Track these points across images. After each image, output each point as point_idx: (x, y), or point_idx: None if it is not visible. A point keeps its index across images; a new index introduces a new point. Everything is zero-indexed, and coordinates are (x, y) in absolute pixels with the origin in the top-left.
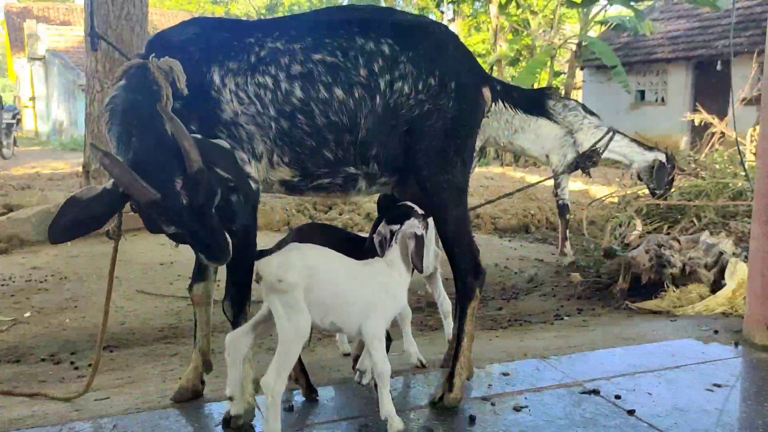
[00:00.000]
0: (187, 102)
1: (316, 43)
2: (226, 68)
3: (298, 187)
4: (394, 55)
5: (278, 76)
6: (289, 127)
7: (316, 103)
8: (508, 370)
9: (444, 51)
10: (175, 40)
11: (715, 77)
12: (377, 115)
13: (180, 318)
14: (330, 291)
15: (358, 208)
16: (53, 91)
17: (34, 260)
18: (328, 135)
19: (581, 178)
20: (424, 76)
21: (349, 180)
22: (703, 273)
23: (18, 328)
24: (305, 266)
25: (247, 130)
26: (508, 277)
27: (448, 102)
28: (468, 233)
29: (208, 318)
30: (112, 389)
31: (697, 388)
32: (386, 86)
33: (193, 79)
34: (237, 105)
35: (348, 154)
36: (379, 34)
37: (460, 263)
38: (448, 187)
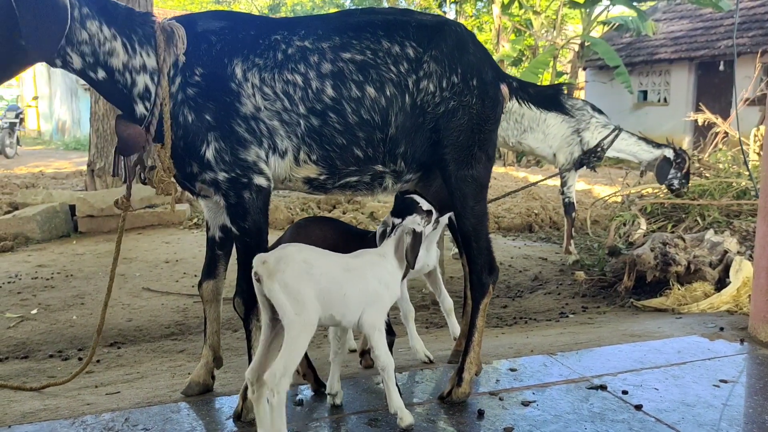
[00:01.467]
0: (202, 90)
1: (344, 42)
2: (250, 62)
3: (323, 185)
4: (419, 55)
5: (308, 74)
6: (319, 124)
7: (347, 101)
8: (516, 366)
9: (464, 49)
10: (199, 27)
11: (717, 77)
12: (406, 113)
13: (186, 315)
14: (327, 285)
15: (362, 207)
16: (56, 91)
17: (40, 258)
18: (359, 133)
19: (584, 178)
20: (448, 74)
21: (376, 178)
22: (708, 271)
23: (25, 324)
24: (303, 260)
25: (269, 125)
26: (512, 275)
27: (471, 99)
28: (486, 229)
29: (217, 315)
30: (121, 384)
31: (704, 383)
32: (414, 85)
33: (212, 69)
34: (260, 100)
35: (377, 152)
36: (403, 35)
37: (476, 258)
38: (471, 182)
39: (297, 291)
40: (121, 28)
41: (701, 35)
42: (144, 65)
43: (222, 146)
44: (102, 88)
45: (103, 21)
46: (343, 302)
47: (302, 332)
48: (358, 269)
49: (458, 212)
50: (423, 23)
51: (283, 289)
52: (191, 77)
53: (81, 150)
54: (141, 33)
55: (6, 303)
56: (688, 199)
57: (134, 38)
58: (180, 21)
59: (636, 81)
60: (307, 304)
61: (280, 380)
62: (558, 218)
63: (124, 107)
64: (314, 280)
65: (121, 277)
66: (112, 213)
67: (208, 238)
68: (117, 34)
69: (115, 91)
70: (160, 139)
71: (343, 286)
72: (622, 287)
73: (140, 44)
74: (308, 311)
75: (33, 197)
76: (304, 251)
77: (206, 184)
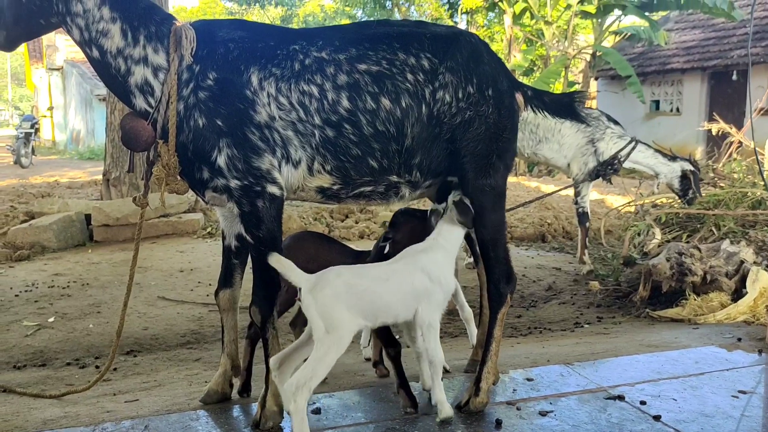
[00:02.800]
0: (214, 95)
1: (360, 54)
2: (267, 72)
3: (336, 194)
4: (434, 66)
5: (324, 86)
6: (334, 135)
7: (363, 113)
8: (532, 376)
9: (479, 59)
10: (218, 33)
11: (730, 87)
12: (422, 124)
13: (201, 324)
14: (369, 299)
15: (375, 216)
16: (70, 101)
17: (56, 267)
18: (375, 144)
19: (597, 188)
20: (463, 84)
21: (391, 188)
22: (724, 281)
23: (43, 333)
24: (342, 283)
25: (284, 135)
26: (526, 285)
27: (488, 108)
28: (504, 238)
29: (234, 323)
30: (139, 392)
31: (722, 394)
32: (430, 96)
33: (227, 75)
34: (275, 109)
35: (392, 163)
36: (418, 47)
37: (495, 268)
38: (489, 191)
39: (331, 313)
40: (128, 16)
41: (714, 45)
42: (145, 58)
43: (235, 153)
44: (97, 68)
45: (106, 1)
46: (388, 310)
47: (330, 350)
48: (399, 272)
49: (477, 221)
50: (438, 34)
51: (318, 309)
52: (204, 81)
53: (95, 159)
54: (154, 30)
55: (23, 311)
56: (702, 209)
57: (142, 30)
58: (199, 25)
59: (648, 91)
60: (341, 326)
61: (297, 390)
62: (571, 228)
63: (121, 95)
64: (357, 298)
65: (136, 286)
66: (127, 222)
67: (224, 248)
68: (119, 18)
69: (107, 75)
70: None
71: (383, 297)
72: (637, 297)
73: (147, 38)
74: (341, 332)
75: (49, 207)
76: (344, 274)
77: (218, 191)
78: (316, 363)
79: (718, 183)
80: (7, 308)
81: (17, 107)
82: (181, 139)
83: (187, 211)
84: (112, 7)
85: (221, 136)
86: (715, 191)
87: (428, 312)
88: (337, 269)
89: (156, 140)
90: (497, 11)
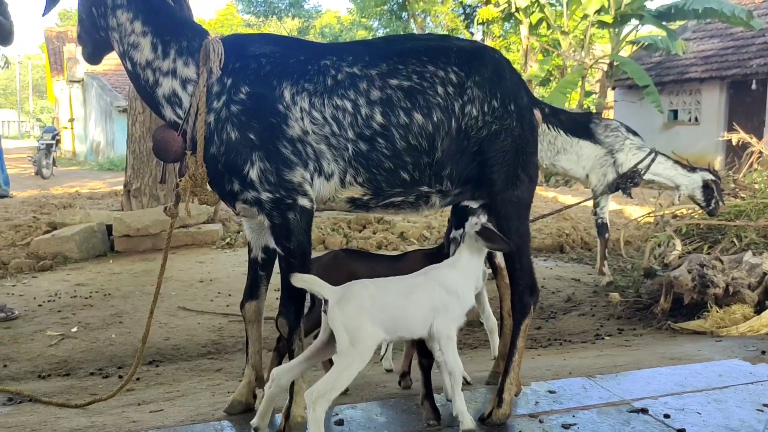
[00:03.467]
0: (247, 108)
1: (391, 69)
2: (300, 87)
3: (366, 204)
4: (461, 81)
5: (358, 101)
6: (367, 149)
7: (396, 127)
8: (555, 388)
9: (502, 75)
10: (250, 47)
11: (749, 97)
12: (452, 138)
13: (222, 334)
14: (391, 313)
15: (392, 227)
16: (91, 113)
17: (79, 277)
18: (407, 158)
19: (615, 198)
20: (489, 99)
21: (421, 197)
22: (747, 293)
23: (66, 342)
24: (367, 296)
25: (316, 149)
26: (545, 296)
27: (512, 122)
28: (529, 250)
29: (259, 334)
30: (163, 402)
31: (747, 408)
32: (459, 110)
33: (259, 89)
34: (308, 124)
35: (423, 175)
36: (446, 60)
37: (519, 279)
38: (515, 203)
39: (356, 326)
40: (160, 31)
41: (732, 54)
42: (174, 70)
43: (267, 167)
44: (131, 79)
45: (139, 16)
46: (406, 325)
47: (353, 363)
48: (421, 287)
49: (502, 232)
50: (464, 49)
51: (344, 322)
52: (236, 95)
53: (114, 170)
54: (186, 44)
55: (47, 321)
56: (724, 220)
57: (173, 44)
58: (231, 40)
59: (666, 100)
60: (365, 339)
61: (317, 399)
62: (589, 239)
63: (151, 105)
64: (380, 311)
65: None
66: (148, 233)
67: (251, 260)
68: (150, 32)
69: (138, 86)
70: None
71: (404, 310)
72: (658, 309)
73: (179, 52)
74: (365, 346)
75: (71, 217)
76: (370, 287)
77: (249, 203)
78: (339, 375)
79: (739, 193)
80: (31, 318)
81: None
82: (212, 151)
83: (207, 221)
84: (144, 22)
85: (253, 149)
86: (737, 202)
87: (445, 325)
88: (364, 282)
89: (185, 151)
90: (513, 21)
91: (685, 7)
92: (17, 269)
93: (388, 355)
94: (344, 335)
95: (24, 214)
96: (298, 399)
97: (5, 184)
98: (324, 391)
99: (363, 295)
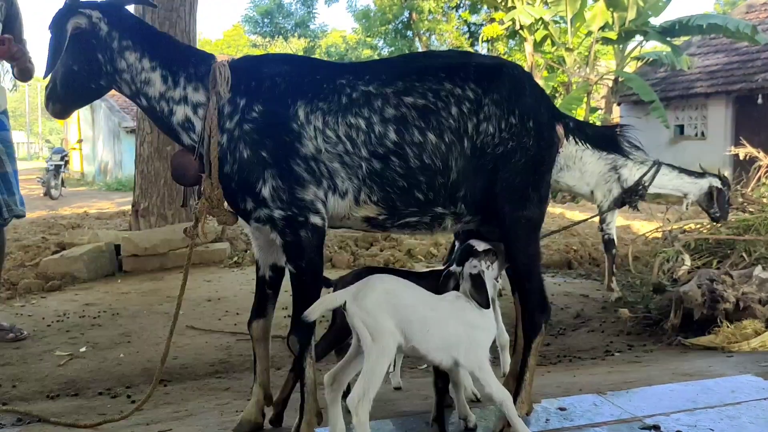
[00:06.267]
0: (259, 127)
1: (407, 87)
2: (314, 106)
3: (382, 224)
4: (478, 98)
5: (372, 119)
6: (381, 168)
7: (410, 146)
8: (565, 405)
9: (522, 91)
10: (264, 67)
11: (756, 111)
12: (467, 157)
13: (230, 353)
14: (409, 316)
15: (399, 245)
16: (99, 134)
17: (87, 297)
18: (421, 177)
19: (623, 214)
20: (506, 116)
21: (436, 219)
22: (758, 308)
23: (75, 362)
24: (384, 290)
25: (330, 167)
26: (554, 312)
27: (529, 140)
28: (539, 269)
29: (266, 353)
30: (171, 421)
31: (761, 424)
32: (474, 128)
33: (272, 108)
34: (322, 142)
35: (438, 196)
36: (464, 78)
37: (529, 298)
38: (525, 223)
39: (375, 319)
40: (166, 62)
41: (738, 69)
42: (185, 97)
43: (280, 185)
44: (148, 114)
45: (146, 53)
46: (425, 338)
47: (379, 359)
48: (443, 312)
49: (512, 252)
50: (483, 65)
51: (362, 316)
52: (249, 114)
53: (122, 191)
54: (193, 71)
55: (56, 341)
56: (732, 234)
57: (181, 73)
58: (246, 60)
59: (672, 115)
60: (385, 332)
61: (358, 404)
62: (597, 254)
63: (171, 135)
64: (395, 309)
65: (165, 315)
66: (156, 252)
67: (258, 278)
68: (158, 66)
69: (156, 118)
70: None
71: (427, 322)
72: (668, 325)
73: (187, 79)
74: (386, 339)
75: (79, 237)
76: (387, 282)
77: (261, 221)
78: (370, 374)
79: (747, 208)
80: (40, 338)
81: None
82: (226, 170)
83: (214, 240)
84: (151, 57)
85: (266, 167)
86: (745, 216)
87: (475, 356)
88: (382, 276)
89: (201, 174)
90: (518, 39)
91: (690, 23)
92: (26, 290)
93: (396, 372)
94: (365, 331)
95: (33, 235)
96: (308, 417)
97: (21, 204)
98: (362, 393)
99: (379, 289)
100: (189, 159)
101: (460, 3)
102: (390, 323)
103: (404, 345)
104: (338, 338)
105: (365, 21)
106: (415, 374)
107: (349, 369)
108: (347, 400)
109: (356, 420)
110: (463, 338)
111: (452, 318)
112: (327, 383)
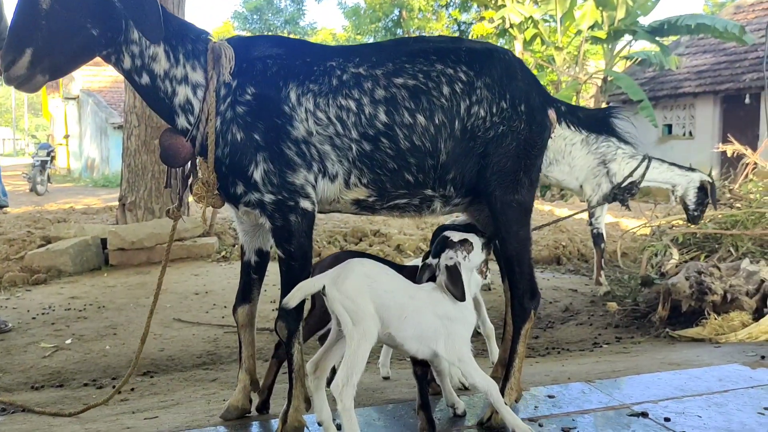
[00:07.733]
0: (252, 109)
1: (397, 68)
2: (305, 88)
3: (372, 206)
4: (470, 81)
5: (362, 100)
6: (371, 149)
7: (400, 127)
8: (554, 393)
9: (513, 75)
10: (256, 49)
11: (743, 111)
12: (457, 140)
13: (217, 345)
14: (386, 302)
15: (388, 239)
16: (86, 130)
17: (73, 290)
18: (411, 159)
19: (611, 211)
20: (497, 100)
21: (425, 201)
22: (745, 300)
23: (60, 354)
24: (364, 274)
25: (321, 149)
26: (542, 306)
27: (520, 124)
28: (529, 254)
29: (252, 338)
30: (158, 410)
31: (748, 411)
32: (465, 111)
33: (265, 90)
34: (313, 125)
35: (428, 178)
36: (455, 61)
37: (518, 284)
38: (516, 207)
39: (355, 303)
40: (167, 36)
41: (725, 69)
42: (186, 77)
43: (270, 168)
44: (146, 93)
45: None
46: (401, 325)
47: (361, 343)
48: (421, 302)
49: (502, 237)
50: (474, 49)
51: (342, 300)
52: (242, 96)
53: (109, 187)
54: (190, 48)
55: (41, 333)
56: (720, 229)
57: (180, 50)
58: (236, 41)
59: (660, 115)
60: (366, 315)
61: (342, 389)
62: (586, 250)
63: (166, 116)
64: (374, 294)
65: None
66: (143, 246)
67: (243, 263)
68: (162, 40)
69: (155, 99)
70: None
71: (405, 309)
72: (656, 317)
73: (186, 57)
74: (367, 322)
75: (65, 231)
76: (367, 266)
77: (251, 206)
78: (352, 358)
79: (734, 204)
80: (25, 330)
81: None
82: (217, 153)
83: (202, 235)
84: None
85: (258, 150)
86: (732, 211)
87: (454, 348)
88: (362, 260)
89: (194, 156)
90: (507, 38)
91: (678, 23)
92: (11, 283)
93: (385, 361)
94: (345, 315)
95: (18, 229)
96: (296, 403)
97: (3, 195)
98: (346, 378)
99: (359, 272)
100: (180, 141)
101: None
102: (370, 307)
103: (381, 332)
104: (319, 324)
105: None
106: (403, 365)
107: (330, 355)
108: (331, 386)
109: (341, 406)
110: (441, 331)
111: (429, 309)
112: (309, 371)
